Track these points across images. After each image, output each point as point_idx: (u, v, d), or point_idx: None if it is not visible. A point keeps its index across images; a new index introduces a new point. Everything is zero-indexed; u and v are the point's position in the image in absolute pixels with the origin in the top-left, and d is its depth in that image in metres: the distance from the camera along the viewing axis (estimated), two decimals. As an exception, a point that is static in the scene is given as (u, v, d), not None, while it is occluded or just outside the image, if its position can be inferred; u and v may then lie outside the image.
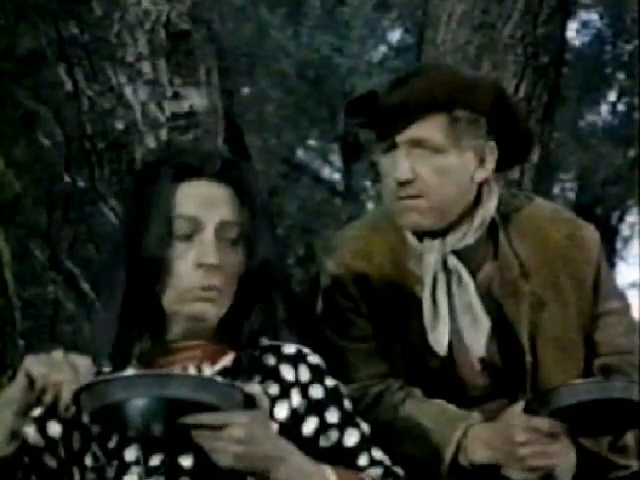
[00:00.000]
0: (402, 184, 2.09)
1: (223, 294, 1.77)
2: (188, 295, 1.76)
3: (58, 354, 1.66)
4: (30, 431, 1.77)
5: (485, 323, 2.13)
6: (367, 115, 2.13)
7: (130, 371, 1.76)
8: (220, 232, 1.77)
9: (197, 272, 1.75)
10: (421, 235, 2.15)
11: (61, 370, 1.63)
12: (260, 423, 1.65)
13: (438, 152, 2.09)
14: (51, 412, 1.77)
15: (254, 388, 1.67)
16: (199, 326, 1.79)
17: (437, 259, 2.13)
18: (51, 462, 1.78)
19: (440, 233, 2.13)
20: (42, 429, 1.78)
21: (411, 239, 2.17)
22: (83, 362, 1.66)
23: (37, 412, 1.77)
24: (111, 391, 1.59)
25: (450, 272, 2.14)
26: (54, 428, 1.79)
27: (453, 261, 2.13)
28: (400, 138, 2.10)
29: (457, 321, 2.14)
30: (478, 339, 2.14)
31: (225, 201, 1.79)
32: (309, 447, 1.74)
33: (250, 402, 1.64)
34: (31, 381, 1.64)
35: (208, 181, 1.79)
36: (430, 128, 2.09)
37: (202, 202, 1.78)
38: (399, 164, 2.09)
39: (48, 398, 1.64)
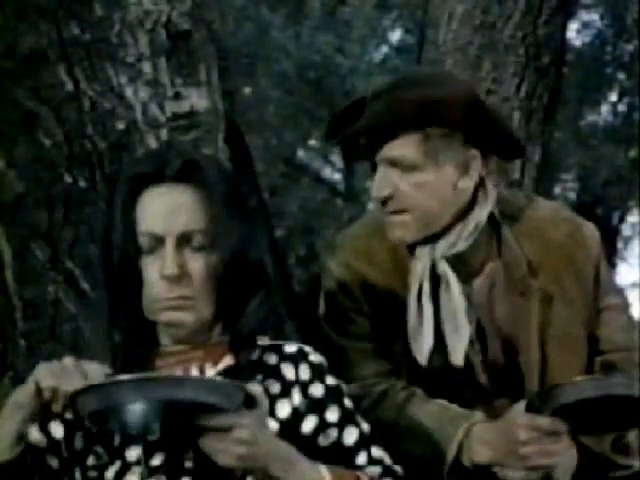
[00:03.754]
0: (382, 202, 2.10)
1: (198, 300, 1.76)
2: (158, 305, 1.76)
3: (69, 361, 1.65)
4: (32, 431, 1.76)
5: (466, 331, 2.12)
6: (338, 138, 2.14)
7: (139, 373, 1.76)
8: (182, 241, 1.75)
9: (162, 283, 1.74)
10: (411, 245, 2.16)
11: (71, 380, 1.62)
12: (261, 423, 1.65)
13: (414, 169, 2.09)
14: (54, 413, 1.77)
15: (255, 388, 1.67)
16: (182, 332, 1.79)
17: (425, 265, 2.13)
18: (53, 462, 1.78)
19: (431, 239, 2.13)
20: (45, 429, 1.78)
21: (402, 249, 2.17)
22: (95, 369, 1.65)
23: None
24: (119, 393, 1.58)
25: (439, 278, 2.14)
26: (57, 429, 1.79)
27: (443, 267, 2.13)
28: (378, 157, 2.11)
29: (442, 327, 2.14)
30: (457, 346, 2.13)
31: (186, 207, 1.76)
32: (308, 446, 1.75)
33: (250, 401, 1.64)
34: (39, 390, 1.63)
35: (169, 186, 1.77)
36: (402, 147, 2.09)
37: (161, 214, 1.75)
38: (375, 182, 2.11)
39: (57, 407, 1.63)
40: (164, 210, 1.75)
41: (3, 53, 2.45)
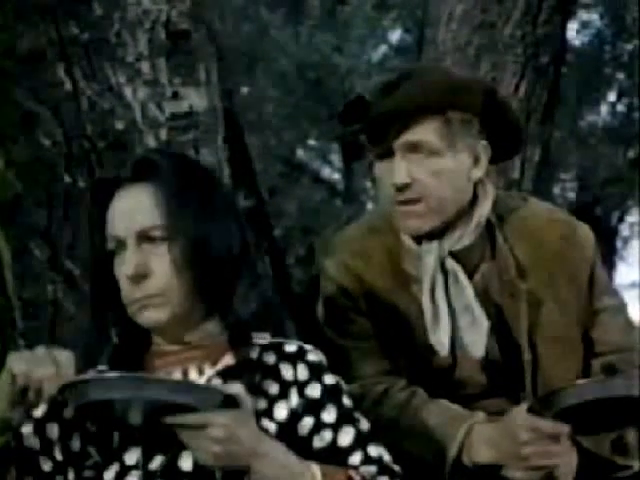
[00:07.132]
0: (400, 189, 2.10)
1: (168, 295, 1.76)
2: (131, 307, 1.78)
3: (41, 350, 1.66)
4: (27, 432, 1.77)
5: (484, 323, 2.13)
6: (361, 121, 2.13)
7: (112, 373, 1.77)
8: (142, 239, 1.76)
9: (128, 284, 1.76)
10: (419, 237, 2.16)
11: (42, 366, 1.63)
12: (241, 422, 1.64)
13: (434, 155, 2.10)
14: (51, 414, 1.78)
15: (235, 388, 1.66)
16: (164, 332, 1.80)
17: (435, 261, 2.13)
18: (46, 465, 1.78)
19: (437, 235, 2.14)
20: (41, 431, 1.78)
21: (409, 242, 2.17)
22: (65, 356, 1.65)
23: (38, 413, 1.77)
24: (90, 391, 1.62)
25: (448, 273, 2.14)
26: (53, 430, 1.79)
27: (451, 262, 2.14)
28: (396, 143, 2.10)
29: (456, 321, 2.14)
30: (477, 339, 2.14)
31: (143, 205, 1.77)
32: (304, 447, 1.74)
33: (232, 402, 1.64)
34: (13, 377, 1.63)
35: (127, 188, 1.79)
36: (425, 132, 2.09)
37: (121, 216, 1.78)
38: (396, 169, 2.10)
39: (31, 395, 1.63)
40: (123, 212, 1.78)
41: (3, 53, 2.45)
